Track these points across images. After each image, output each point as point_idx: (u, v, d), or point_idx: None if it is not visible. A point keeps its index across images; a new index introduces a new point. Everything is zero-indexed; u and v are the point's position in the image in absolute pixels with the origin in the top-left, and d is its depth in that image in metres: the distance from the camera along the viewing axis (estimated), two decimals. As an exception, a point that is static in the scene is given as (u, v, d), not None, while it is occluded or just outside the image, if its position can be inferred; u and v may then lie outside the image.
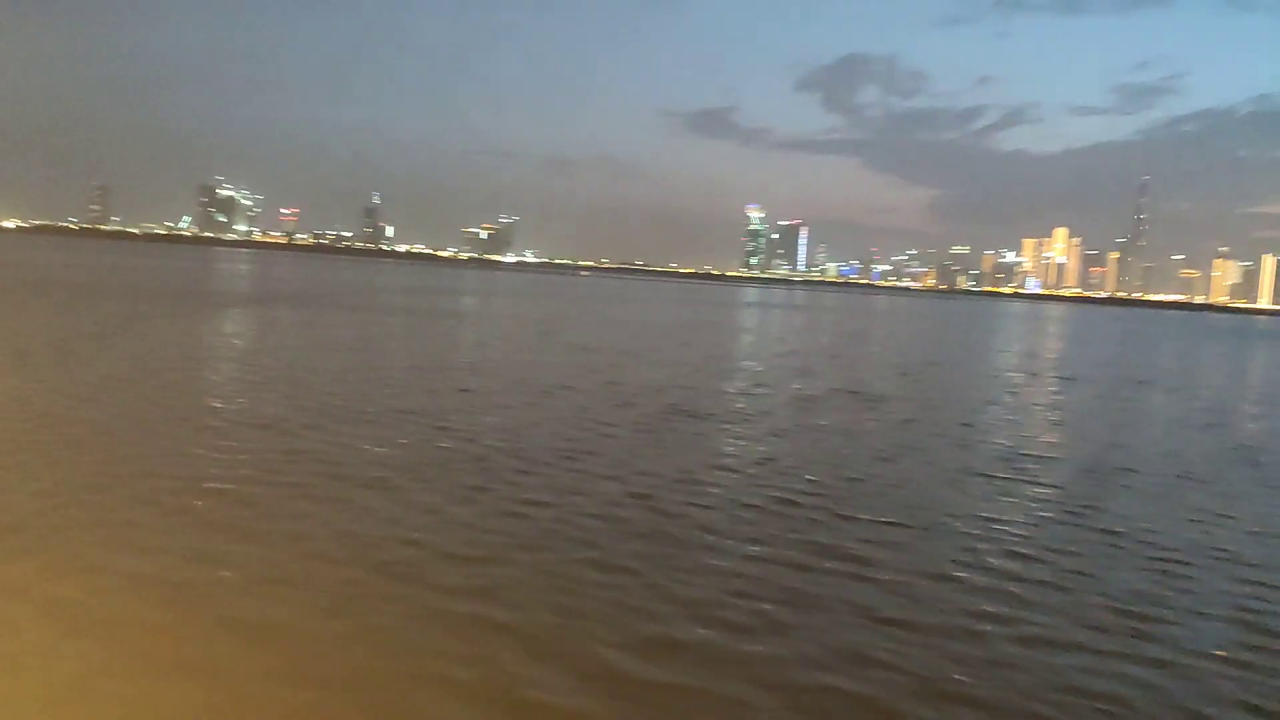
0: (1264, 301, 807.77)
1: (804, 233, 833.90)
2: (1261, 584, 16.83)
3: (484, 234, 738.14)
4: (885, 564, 16.61)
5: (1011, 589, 15.70)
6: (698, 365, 50.51)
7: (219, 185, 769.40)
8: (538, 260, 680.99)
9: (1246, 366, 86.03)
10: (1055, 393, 49.02)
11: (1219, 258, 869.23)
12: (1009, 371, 60.77)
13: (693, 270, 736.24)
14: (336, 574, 14.30)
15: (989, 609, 14.69)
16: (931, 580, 15.91)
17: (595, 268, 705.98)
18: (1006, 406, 41.68)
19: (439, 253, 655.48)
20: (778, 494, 21.27)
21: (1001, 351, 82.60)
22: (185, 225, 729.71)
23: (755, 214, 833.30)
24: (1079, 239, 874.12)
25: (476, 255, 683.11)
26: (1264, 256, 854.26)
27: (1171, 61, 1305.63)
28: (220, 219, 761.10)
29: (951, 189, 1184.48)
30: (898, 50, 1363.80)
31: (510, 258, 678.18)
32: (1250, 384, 66.14)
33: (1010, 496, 22.86)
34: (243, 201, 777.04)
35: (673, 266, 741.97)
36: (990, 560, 17.28)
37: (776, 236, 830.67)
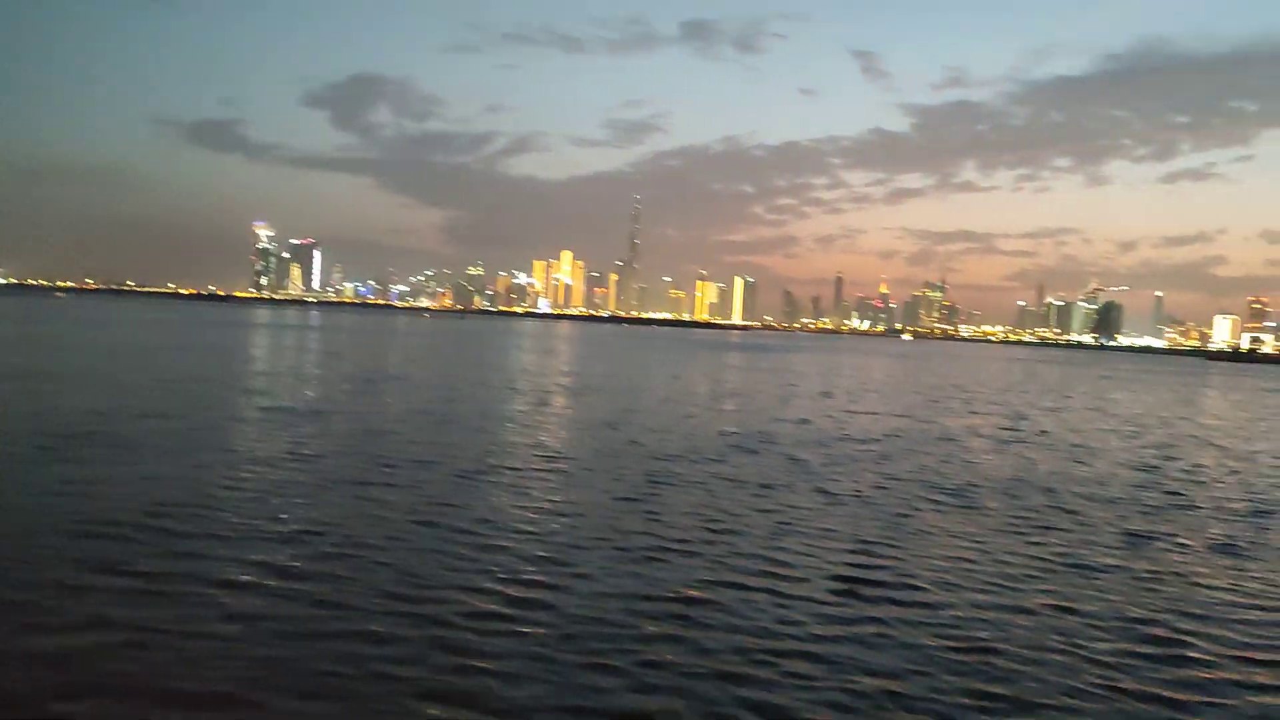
0: (736, 318, 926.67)
1: (318, 252, 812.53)
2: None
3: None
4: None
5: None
6: (130, 387, 46.85)
7: None
8: (4, 281, 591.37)
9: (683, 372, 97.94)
10: (481, 401, 52.22)
11: (700, 280, 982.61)
12: (466, 384, 63.64)
13: (195, 291, 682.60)
14: None
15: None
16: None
17: (78, 289, 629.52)
18: (432, 415, 43.51)
19: None
20: None
21: (474, 366, 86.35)
22: None
23: (265, 232, 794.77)
24: (583, 261, 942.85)
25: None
26: (735, 278, 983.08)
27: (656, 102, 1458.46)
28: None
29: (466, 211, 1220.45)
30: (410, 73, 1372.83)
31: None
32: (678, 387, 75.24)
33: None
34: None
35: (171, 287, 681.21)
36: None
37: (289, 256, 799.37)
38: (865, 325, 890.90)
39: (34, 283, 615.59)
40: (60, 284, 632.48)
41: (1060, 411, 67.55)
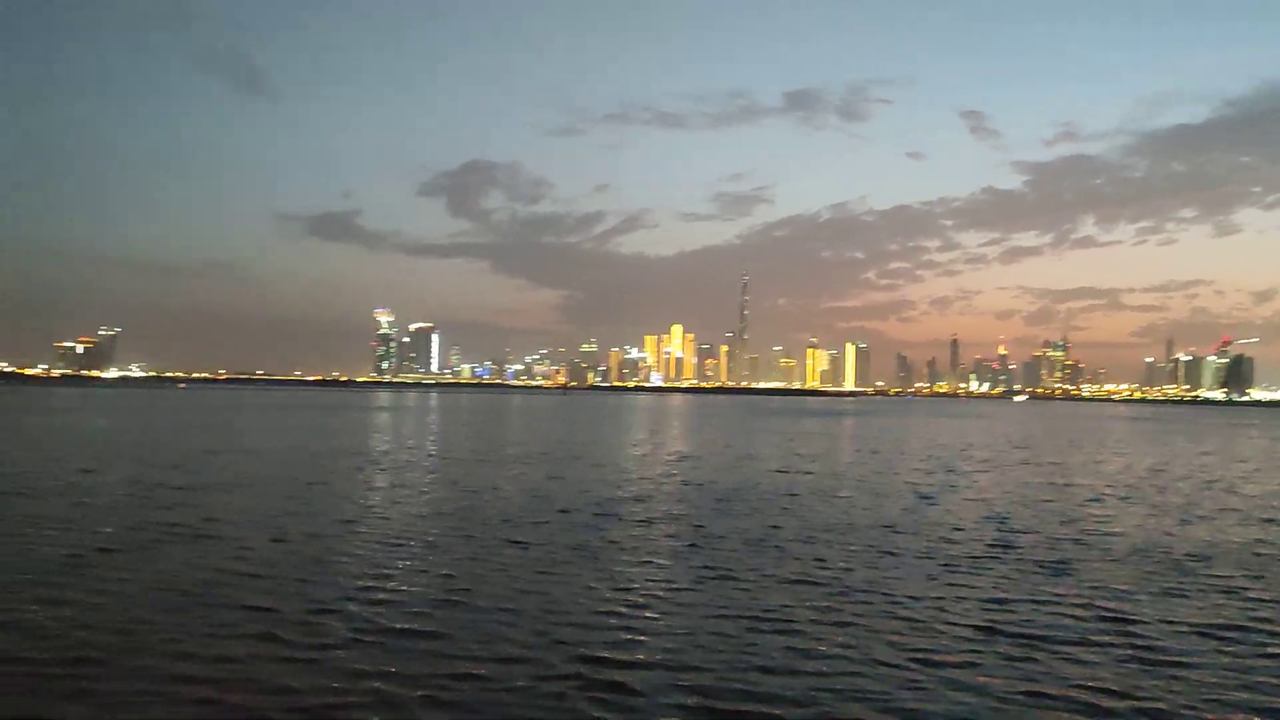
0: (848, 384, 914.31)
1: (436, 335, 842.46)
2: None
3: (80, 348, 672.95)
4: None
5: None
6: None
7: None
8: (144, 374, 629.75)
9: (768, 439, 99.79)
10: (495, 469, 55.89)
11: (810, 347, 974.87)
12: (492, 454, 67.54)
13: (320, 377, 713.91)
14: None
15: None
16: None
17: (211, 379, 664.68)
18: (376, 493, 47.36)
19: (24, 370, 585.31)
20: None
21: (458, 439, 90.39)
22: None
23: (385, 318, 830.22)
24: (693, 334, 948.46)
25: (71, 371, 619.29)
26: (846, 345, 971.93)
27: (762, 174, 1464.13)
28: None
29: (579, 290, 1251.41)
30: (519, 158, 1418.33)
31: (113, 372, 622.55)
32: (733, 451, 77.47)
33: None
34: None
35: (297, 374, 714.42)
36: None
37: (408, 340, 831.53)
38: (984, 387, 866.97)
39: (170, 375, 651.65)
40: (194, 375, 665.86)
41: (1028, 465, 67.27)
